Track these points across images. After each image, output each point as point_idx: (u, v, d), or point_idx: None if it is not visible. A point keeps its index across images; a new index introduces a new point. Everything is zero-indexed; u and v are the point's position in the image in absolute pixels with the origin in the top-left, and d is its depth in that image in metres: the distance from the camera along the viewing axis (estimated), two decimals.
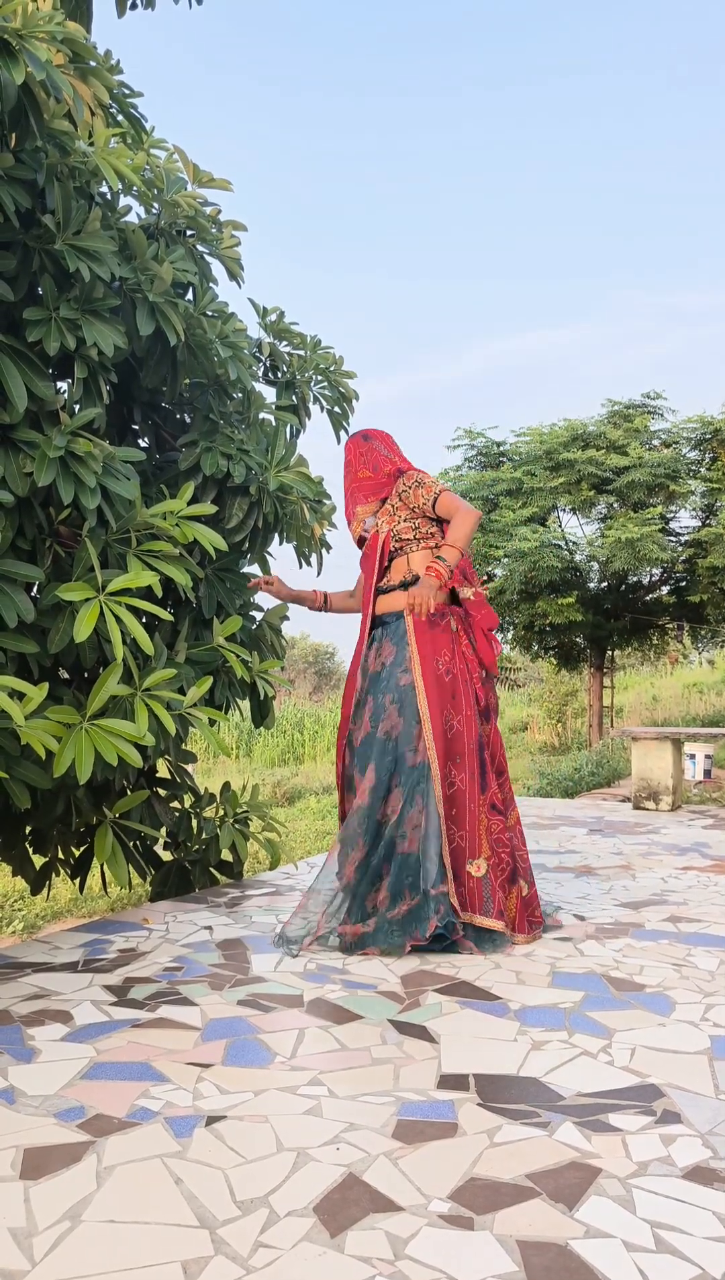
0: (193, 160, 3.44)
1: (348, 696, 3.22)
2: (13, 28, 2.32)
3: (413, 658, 3.05)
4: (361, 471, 3.30)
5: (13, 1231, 1.43)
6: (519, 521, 12.44)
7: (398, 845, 2.92)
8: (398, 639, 3.11)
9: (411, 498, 3.18)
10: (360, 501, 3.28)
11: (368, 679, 3.14)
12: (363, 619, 3.23)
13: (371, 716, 3.07)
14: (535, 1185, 1.57)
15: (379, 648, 3.16)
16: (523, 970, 2.71)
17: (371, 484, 3.28)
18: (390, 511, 3.22)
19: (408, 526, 3.18)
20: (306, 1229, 1.44)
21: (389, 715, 3.02)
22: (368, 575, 3.24)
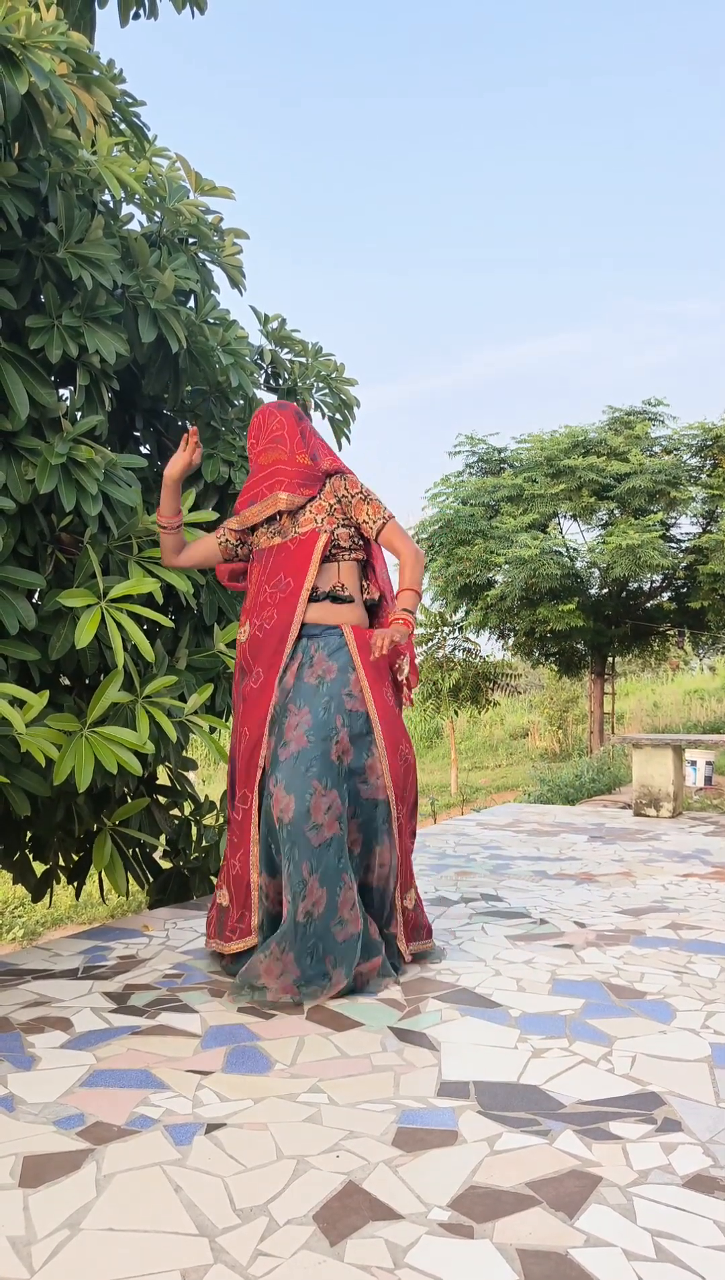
0: (195, 168, 3.45)
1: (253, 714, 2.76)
2: (16, 38, 2.33)
3: (362, 683, 2.75)
4: (300, 456, 2.85)
5: (12, 1240, 1.43)
6: (520, 528, 12.46)
7: (369, 878, 2.75)
8: (338, 658, 2.75)
9: (355, 509, 2.86)
10: (286, 487, 2.81)
11: (287, 692, 2.72)
12: (281, 625, 2.77)
13: (311, 732, 2.65)
14: (535, 1193, 1.57)
15: (309, 660, 2.75)
16: (523, 978, 2.71)
17: (308, 474, 2.85)
18: (325, 512, 2.83)
19: (346, 534, 2.84)
20: (306, 1237, 1.44)
21: (341, 739, 2.67)
22: (296, 576, 2.78)
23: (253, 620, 2.84)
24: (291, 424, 2.90)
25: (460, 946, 3.04)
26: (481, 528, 12.90)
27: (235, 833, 2.79)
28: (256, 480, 2.90)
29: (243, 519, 2.92)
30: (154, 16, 3.62)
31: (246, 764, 2.76)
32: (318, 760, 2.62)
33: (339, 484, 2.88)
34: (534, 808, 7.08)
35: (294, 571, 2.80)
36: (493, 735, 20.30)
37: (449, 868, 4.44)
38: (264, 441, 2.89)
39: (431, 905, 3.63)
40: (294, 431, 2.89)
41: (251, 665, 2.80)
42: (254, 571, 2.91)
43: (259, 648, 2.79)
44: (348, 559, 2.86)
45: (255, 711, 2.75)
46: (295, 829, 2.57)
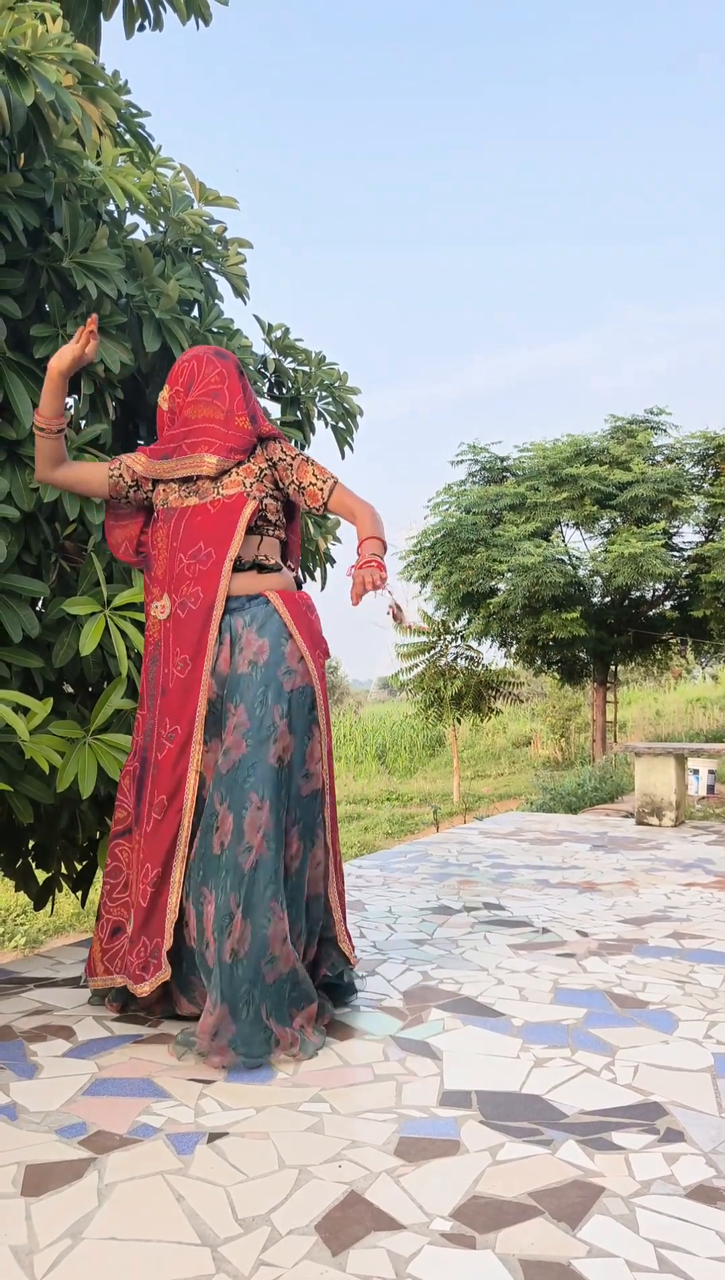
0: (199, 178, 3.47)
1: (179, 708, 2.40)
2: (22, 49, 2.35)
3: (301, 651, 2.41)
4: (239, 418, 2.52)
5: (14, 1249, 1.43)
6: (522, 536, 12.47)
7: (306, 890, 2.42)
8: (269, 630, 2.40)
9: (297, 472, 2.54)
10: (216, 451, 2.48)
11: (223, 684, 2.39)
12: (206, 603, 2.41)
13: (249, 734, 2.31)
14: (538, 1204, 1.57)
15: (238, 641, 2.40)
16: (525, 987, 2.71)
17: (244, 439, 2.51)
18: (254, 476, 2.50)
19: (273, 506, 2.52)
20: (308, 1247, 1.43)
21: (280, 734, 2.33)
22: (218, 546, 2.43)
23: (173, 596, 2.46)
24: (233, 379, 2.56)
25: (462, 955, 3.03)
26: (484, 536, 12.91)
27: (143, 849, 2.41)
28: (178, 433, 2.54)
29: (151, 468, 2.54)
30: (159, 28, 3.65)
31: (170, 767, 2.38)
32: (256, 767, 2.29)
33: (274, 448, 2.56)
34: (536, 816, 7.07)
35: (216, 540, 2.44)
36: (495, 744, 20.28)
37: (451, 876, 4.44)
38: (197, 392, 2.54)
39: (433, 914, 3.62)
40: (236, 388, 2.55)
41: (172, 650, 2.43)
42: (160, 534, 2.53)
43: (182, 630, 2.42)
44: (271, 534, 2.52)
45: (183, 706, 2.39)
46: (229, 853, 2.25)
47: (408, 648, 15.02)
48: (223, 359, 2.58)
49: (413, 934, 3.31)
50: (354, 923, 3.48)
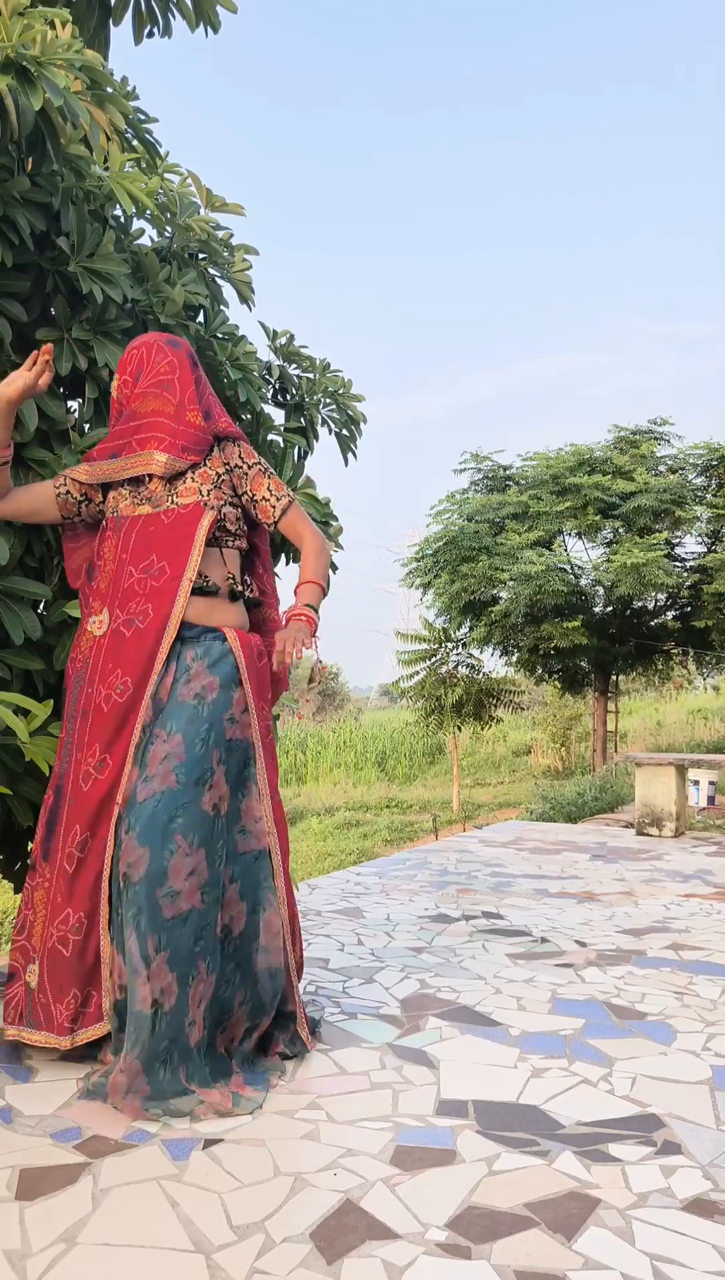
0: (206, 184, 3.48)
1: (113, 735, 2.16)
2: (32, 55, 2.36)
3: (248, 702, 2.23)
4: (190, 413, 2.33)
5: (7, 1253, 1.42)
6: (525, 545, 12.48)
7: (256, 960, 2.18)
8: (221, 669, 2.21)
9: (252, 483, 2.37)
10: (165, 447, 2.28)
11: (160, 709, 2.17)
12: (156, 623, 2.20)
13: (183, 769, 2.08)
14: (534, 1215, 1.56)
15: (186, 672, 2.19)
16: (524, 996, 2.70)
17: (197, 436, 2.32)
18: (211, 483, 2.30)
19: (232, 514, 2.32)
20: (303, 1255, 1.43)
21: (215, 782, 2.12)
22: (172, 561, 2.22)
23: (116, 612, 2.23)
24: (185, 369, 2.38)
25: (461, 964, 3.02)
26: (486, 544, 12.92)
27: (59, 890, 2.14)
28: (125, 429, 2.35)
29: (96, 471, 2.33)
30: (167, 35, 3.66)
31: (98, 799, 2.14)
32: (186, 809, 2.05)
33: (232, 451, 2.38)
34: (536, 825, 7.05)
35: (170, 554, 2.23)
36: (495, 752, 20.26)
37: (450, 884, 4.43)
38: (146, 383, 2.35)
39: (432, 922, 3.62)
40: (187, 379, 2.36)
41: (106, 669, 2.20)
42: (108, 545, 2.32)
43: (123, 650, 2.19)
44: (231, 545, 2.33)
45: (118, 734, 2.16)
46: (144, 891, 1.99)
47: (409, 655, 15.02)
48: (174, 347, 2.40)
49: (411, 942, 3.31)
50: (352, 929, 3.47)
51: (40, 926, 2.17)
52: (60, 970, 2.11)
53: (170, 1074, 1.97)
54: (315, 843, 11.48)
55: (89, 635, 2.28)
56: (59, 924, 2.12)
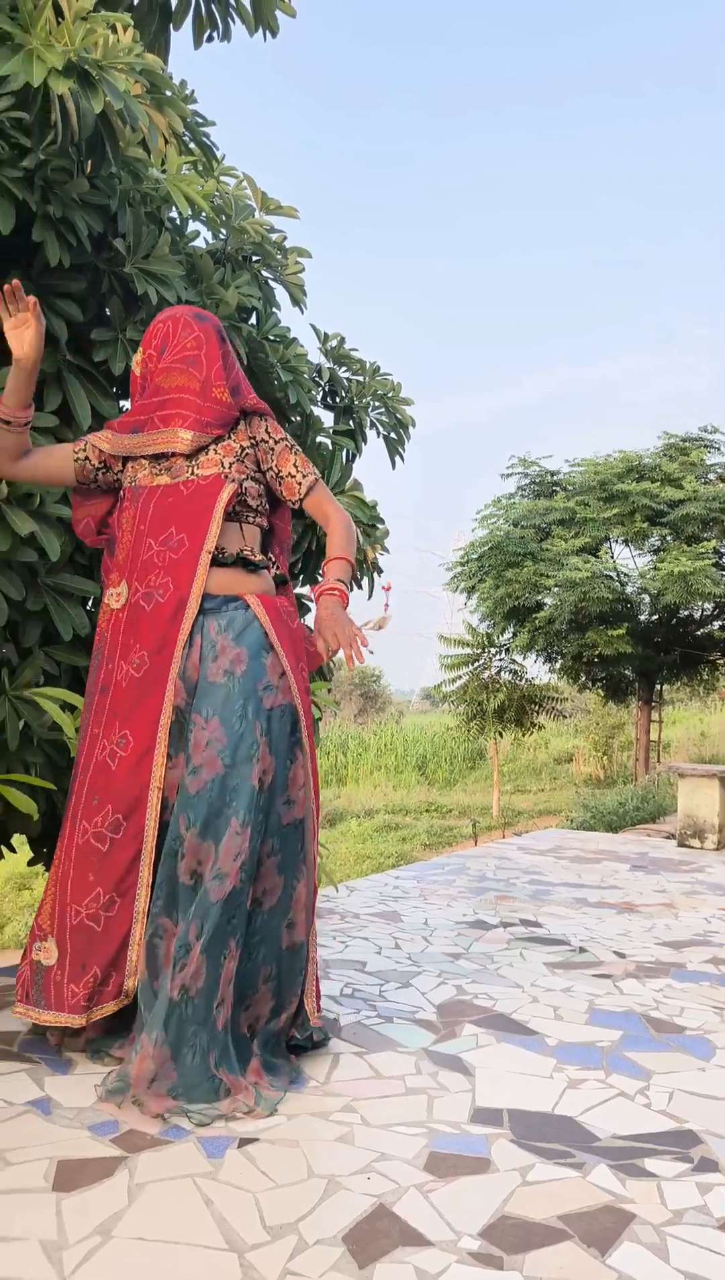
0: (261, 187, 3.50)
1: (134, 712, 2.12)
2: (94, 59, 2.39)
3: (285, 667, 2.17)
4: (217, 389, 2.26)
5: (44, 1244, 1.44)
6: (571, 551, 12.39)
7: (283, 937, 2.13)
8: (248, 638, 2.14)
9: (278, 459, 2.30)
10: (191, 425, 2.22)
11: (191, 692, 2.13)
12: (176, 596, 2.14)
13: (227, 751, 2.05)
14: (567, 1227, 1.54)
15: (212, 647, 2.13)
16: (561, 1006, 2.67)
17: (223, 413, 2.26)
18: (234, 456, 2.25)
19: (254, 490, 2.27)
20: (335, 1259, 1.43)
21: (261, 753, 2.07)
22: (192, 532, 2.17)
23: (135, 585, 2.18)
24: (212, 344, 2.31)
25: (498, 971, 3.01)
26: (532, 550, 12.85)
27: (92, 868, 2.10)
28: (149, 403, 2.29)
29: (118, 444, 2.28)
30: (226, 39, 3.69)
31: (125, 777, 2.10)
32: (237, 789, 2.04)
33: (259, 425, 2.32)
34: (576, 834, 6.99)
35: (189, 525, 2.18)
36: (536, 759, 20.13)
37: (489, 891, 4.41)
38: (171, 357, 2.29)
39: (470, 928, 3.60)
40: (214, 354, 2.29)
41: (128, 646, 2.16)
42: (126, 516, 2.27)
43: (142, 623, 2.15)
44: (251, 521, 2.27)
45: (138, 710, 2.12)
46: (205, 884, 2.01)
47: (452, 659, 14.98)
48: (201, 321, 2.32)
49: (448, 947, 3.29)
50: (389, 933, 3.47)
51: (52, 904, 2.14)
52: (86, 947, 2.09)
53: (199, 1058, 1.94)
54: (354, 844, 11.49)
55: (107, 608, 2.23)
56: (89, 901, 2.09)
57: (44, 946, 2.13)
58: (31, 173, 2.50)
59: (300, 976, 2.17)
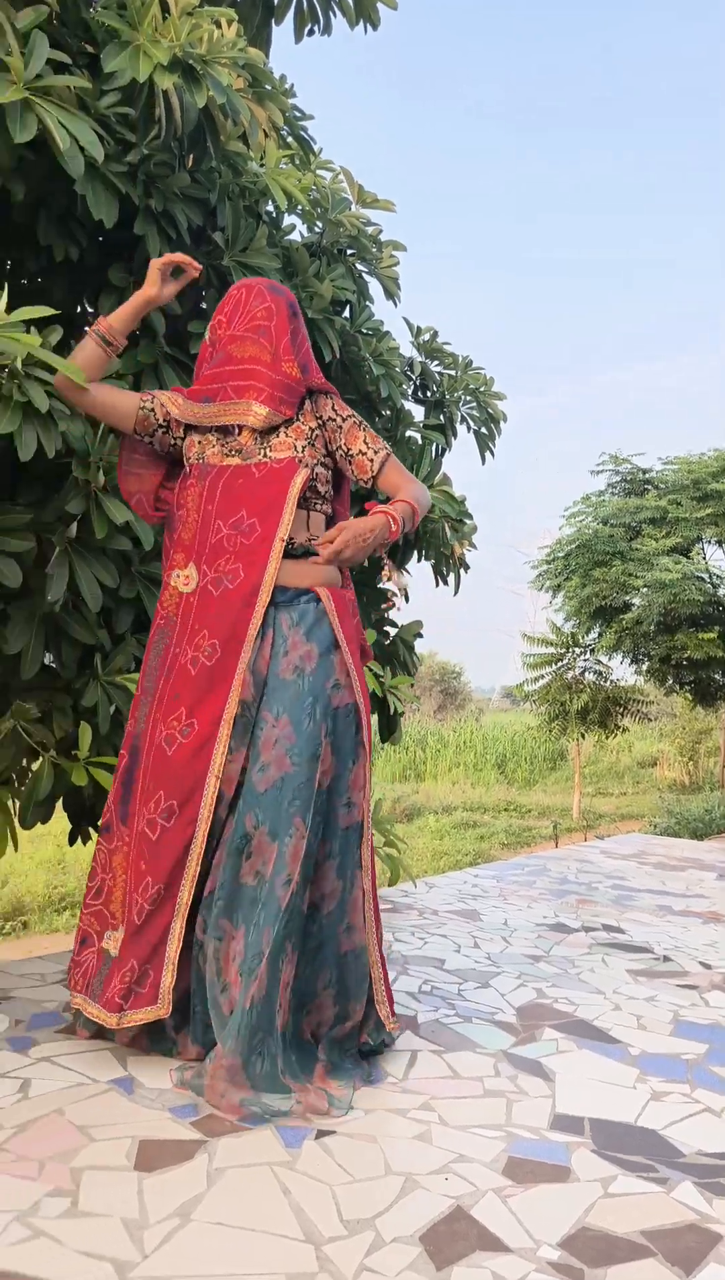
0: (358, 180, 3.50)
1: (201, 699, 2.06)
2: (198, 54, 2.41)
3: (350, 666, 2.14)
4: (286, 363, 2.18)
5: (125, 1222, 1.46)
6: (661, 551, 12.12)
7: (341, 940, 2.09)
8: (318, 635, 2.11)
9: (347, 437, 2.23)
10: (265, 399, 2.14)
11: (261, 686, 2.08)
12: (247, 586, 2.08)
13: (296, 751, 2.02)
14: (650, 1244, 1.50)
15: (284, 642, 2.10)
16: (644, 1015, 2.61)
17: (291, 389, 2.18)
18: (305, 439, 2.18)
19: (324, 476, 2.22)
20: (412, 1258, 1.42)
21: (324, 754, 2.05)
22: (265, 519, 2.10)
23: (203, 569, 2.12)
24: (283, 316, 2.23)
25: (579, 976, 2.95)
26: (621, 549, 12.61)
27: (141, 856, 2.05)
28: (220, 372, 2.20)
29: (188, 411, 2.21)
30: (327, 33, 3.70)
31: (183, 764, 2.04)
32: (302, 789, 2.00)
33: (325, 404, 2.24)
34: (659, 840, 6.84)
35: (260, 511, 2.11)
36: (619, 762, 19.79)
37: (570, 894, 4.34)
38: (242, 325, 2.21)
39: (550, 931, 3.55)
40: (283, 327, 2.22)
41: (197, 631, 2.09)
42: (191, 494, 2.19)
43: (211, 610, 2.09)
44: (318, 509, 2.21)
45: (207, 698, 2.05)
46: (270, 884, 1.97)
47: (535, 658, 14.81)
48: (275, 293, 2.25)
49: (528, 949, 3.25)
50: (468, 932, 3.44)
51: (121, 893, 2.09)
52: (129, 939, 2.03)
53: (267, 1065, 1.90)
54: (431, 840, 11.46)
55: (174, 591, 2.16)
56: (140, 891, 2.03)
57: (114, 936, 2.08)
58: (135, 167, 2.54)
59: (365, 983, 2.12)
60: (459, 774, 18.27)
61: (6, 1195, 1.52)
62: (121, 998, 1.99)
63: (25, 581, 2.36)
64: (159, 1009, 1.99)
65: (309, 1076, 1.97)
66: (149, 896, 2.02)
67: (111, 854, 2.13)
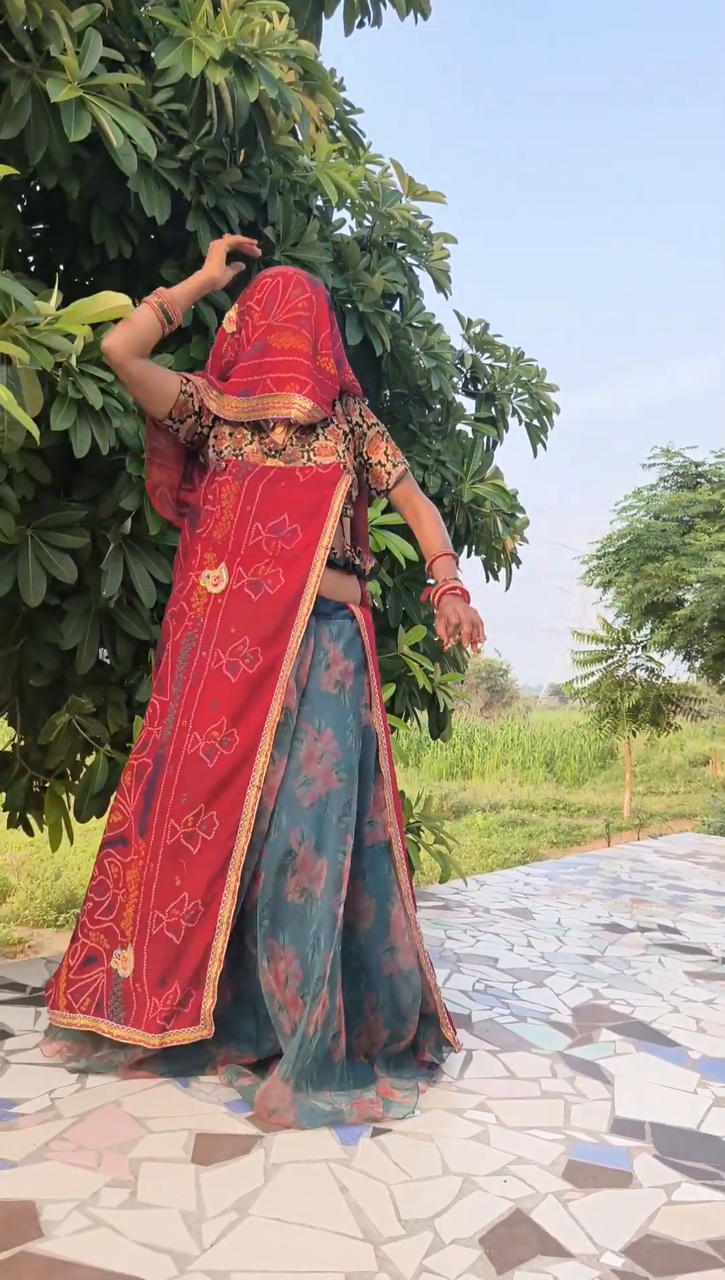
0: (408, 173, 3.47)
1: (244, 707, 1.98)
2: (250, 48, 2.40)
3: (374, 689, 2.13)
4: (324, 358, 2.13)
5: (184, 1214, 1.46)
6: (715, 546, 11.90)
7: (384, 961, 2.03)
8: (353, 652, 2.09)
9: (370, 445, 2.22)
10: (308, 394, 2.08)
11: (302, 696, 2.03)
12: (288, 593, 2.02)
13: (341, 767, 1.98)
14: (717, 1254, 1.47)
15: (325, 655, 2.06)
16: (703, 1018, 2.56)
17: (328, 386, 2.14)
18: (342, 442, 2.15)
19: (356, 483, 2.19)
20: (472, 1261, 1.40)
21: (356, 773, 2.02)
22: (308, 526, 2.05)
23: (237, 570, 2.04)
24: (322, 310, 2.16)
25: (635, 977, 2.90)
26: (673, 544, 12.41)
27: (179, 872, 1.94)
28: (260, 364, 2.11)
29: (227, 408, 2.11)
30: (377, 24, 3.67)
31: (223, 777, 1.95)
32: (348, 806, 1.97)
33: (354, 408, 2.21)
34: (714, 839, 6.72)
35: (303, 517, 2.05)
36: (670, 760, 19.50)
37: (623, 894, 4.27)
38: (281, 315, 2.13)
39: (605, 931, 3.49)
40: (323, 320, 2.15)
41: (231, 636, 2.01)
42: (227, 492, 2.09)
43: (249, 615, 2.01)
44: (348, 514, 2.17)
45: (250, 708, 1.98)
46: (326, 906, 1.90)
47: (584, 655, 14.64)
48: (314, 284, 2.18)
49: (583, 949, 3.21)
50: (521, 930, 3.40)
51: (135, 909, 1.95)
52: (165, 960, 1.91)
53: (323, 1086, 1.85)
54: (479, 838, 11.39)
55: (202, 591, 2.05)
56: (172, 909, 1.93)
57: (122, 955, 1.95)
58: (187, 163, 2.54)
59: (415, 1004, 2.04)
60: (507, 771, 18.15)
61: (68, 1184, 1.53)
62: (164, 1019, 1.89)
63: (80, 578, 2.38)
64: (201, 1030, 1.90)
65: (368, 1090, 1.91)
66: (185, 913, 1.92)
67: (126, 868, 1.98)
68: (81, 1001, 1.95)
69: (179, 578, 2.12)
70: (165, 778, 1.98)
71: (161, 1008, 1.89)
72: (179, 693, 2.02)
